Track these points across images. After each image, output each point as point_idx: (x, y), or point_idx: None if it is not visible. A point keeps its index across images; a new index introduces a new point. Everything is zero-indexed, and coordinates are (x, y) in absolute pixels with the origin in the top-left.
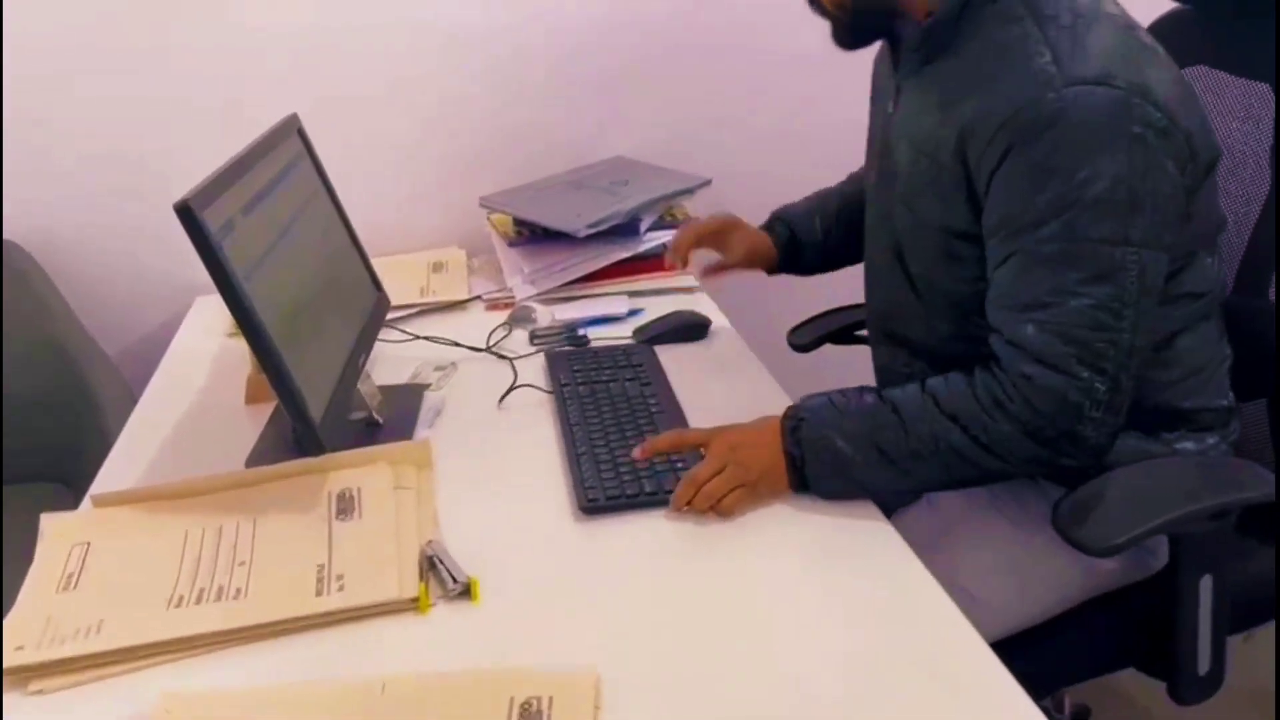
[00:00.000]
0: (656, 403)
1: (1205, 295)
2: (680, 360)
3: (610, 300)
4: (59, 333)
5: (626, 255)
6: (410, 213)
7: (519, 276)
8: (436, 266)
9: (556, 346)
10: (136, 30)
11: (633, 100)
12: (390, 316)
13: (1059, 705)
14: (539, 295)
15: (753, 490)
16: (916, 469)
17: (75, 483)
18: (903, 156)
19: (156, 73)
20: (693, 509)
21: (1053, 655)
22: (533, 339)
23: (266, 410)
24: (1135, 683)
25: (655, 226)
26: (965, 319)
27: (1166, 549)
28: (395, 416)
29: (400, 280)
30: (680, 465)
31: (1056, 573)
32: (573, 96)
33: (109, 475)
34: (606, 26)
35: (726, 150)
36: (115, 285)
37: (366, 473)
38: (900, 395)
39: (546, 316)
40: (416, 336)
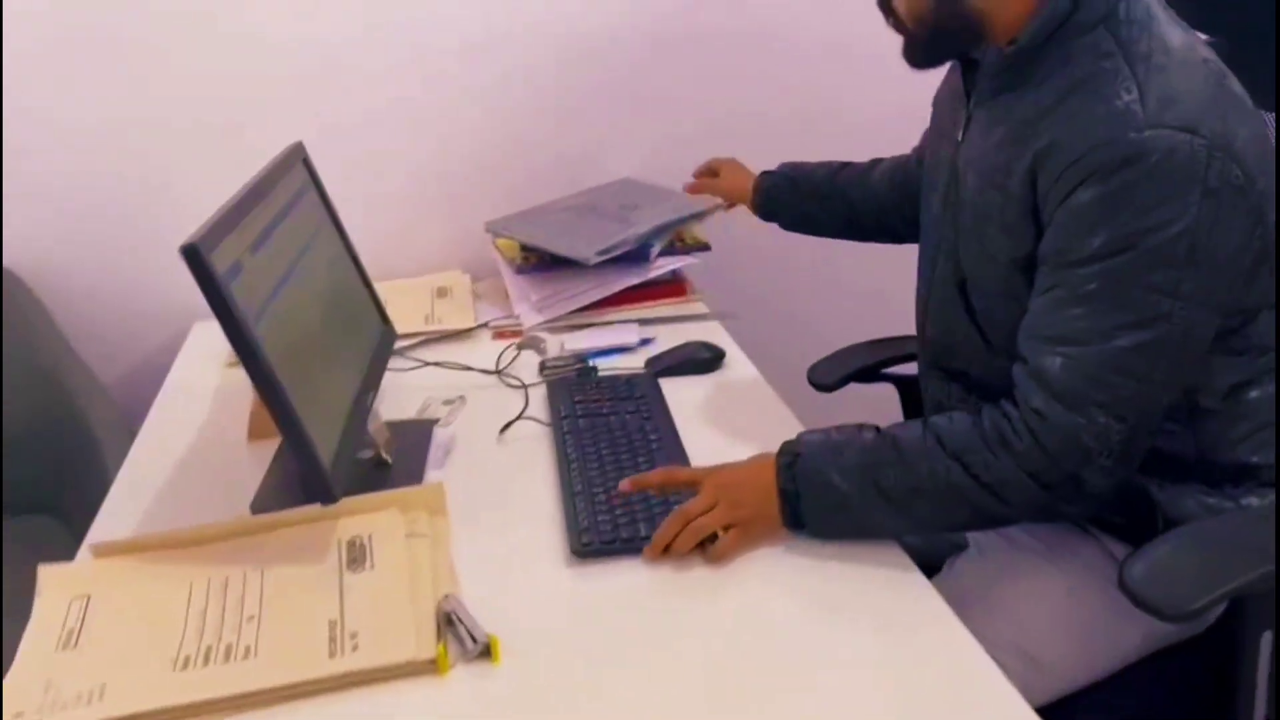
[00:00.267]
0: (657, 438)
1: (1273, 350)
2: (691, 393)
3: (621, 329)
4: (52, 360)
5: (637, 282)
6: (411, 235)
7: (526, 304)
8: (440, 292)
9: (567, 377)
10: (134, 54)
11: (638, 118)
12: (395, 345)
13: None
14: (547, 323)
15: (746, 530)
16: (915, 508)
17: (69, 516)
18: (971, 188)
19: (153, 96)
20: (674, 551)
21: (1106, 716)
22: (542, 370)
23: (269, 446)
24: None
25: (666, 252)
26: None
27: (1223, 604)
28: (404, 454)
29: (404, 307)
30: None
31: (1117, 631)
32: (576, 115)
33: (108, 517)
34: (611, 43)
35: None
36: (110, 312)
37: (377, 519)
38: (901, 432)
39: (556, 346)
40: (425, 363)
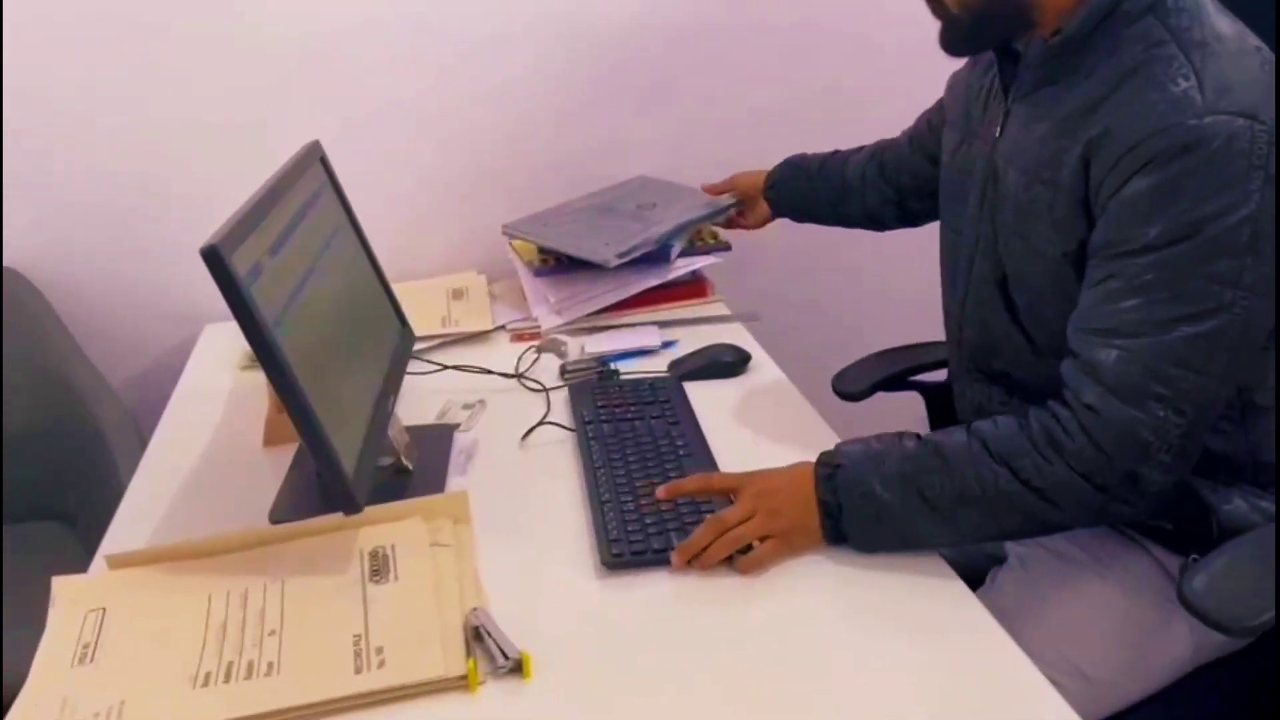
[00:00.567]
0: (684, 444)
1: None
2: (716, 397)
3: (642, 331)
4: (60, 363)
5: (657, 283)
6: (425, 236)
7: (545, 306)
8: (456, 294)
9: (588, 381)
10: (143, 51)
11: (655, 115)
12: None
13: None
14: (566, 325)
15: (785, 541)
16: (963, 517)
17: (77, 521)
18: (1013, 184)
19: (163, 94)
20: (705, 561)
21: None
22: (563, 374)
23: (286, 452)
24: None
25: (686, 252)
26: None
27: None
28: (425, 461)
29: (419, 309)
30: (709, 514)
31: (1168, 644)
32: (591, 112)
33: (122, 526)
34: (626, 40)
35: (756, 165)
36: (119, 313)
37: (400, 529)
38: (945, 439)
39: (576, 349)
40: (444, 366)
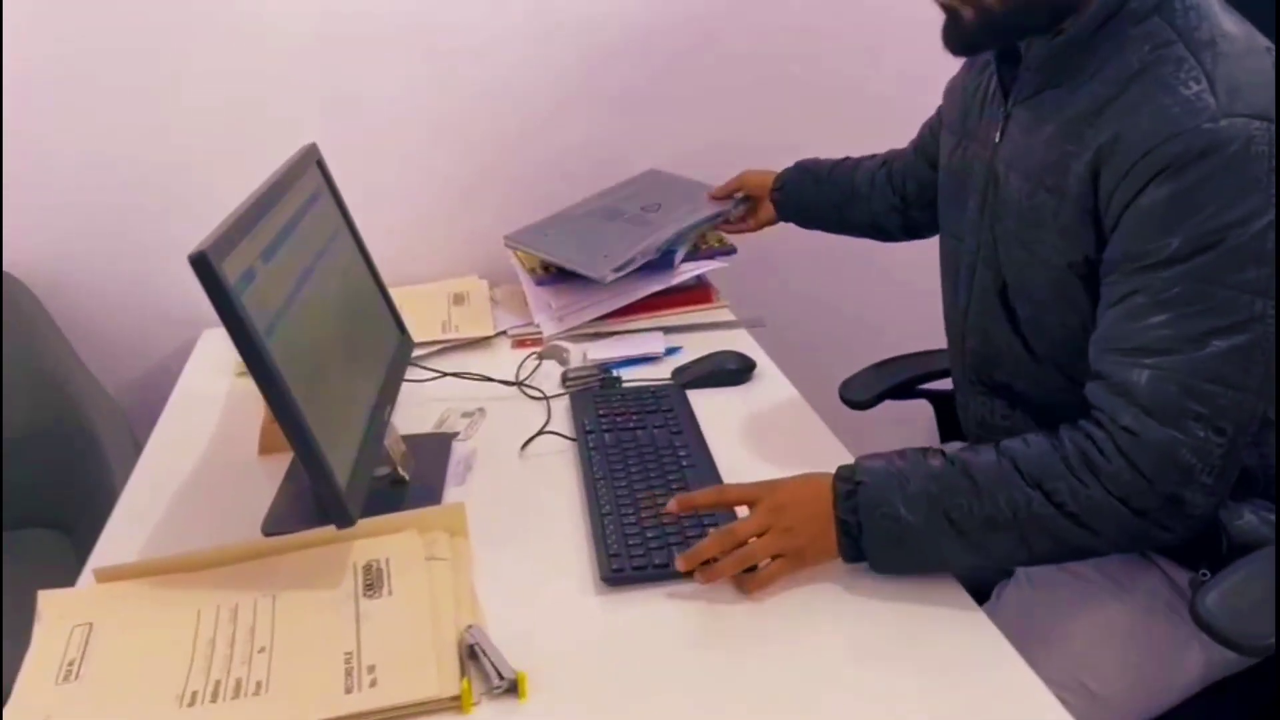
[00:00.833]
0: (687, 454)
1: None
2: (720, 406)
3: (646, 338)
4: (57, 368)
5: (660, 288)
6: (426, 239)
7: (546, 312)
8: (457, 299)
9: (588, 388)
10: (141, 56)
11: (662, 118)
12: (412, 354)
13: None
14: (568, 332)
15: (797, 559)
16: (991, 542)
17: (74, 529)
18: (1015, 190)
19: (162, 98)
20: (714, 574)
21: None
22: (564, 381)
23: (281, 461)
24: None
25: (690, 256)
26: (1077, 366)
27: None
28: (422, 471)
29: (419, 314)
30: (714, 528)
31: (1181, 662)
32: (596, 115)
33: (113, 535)
34: (632, 42)
35: (766, 163)
36: (116, 318)
37: (395, 542)
38: (972, 457)
39: (579, 356)
40: (443, 373)
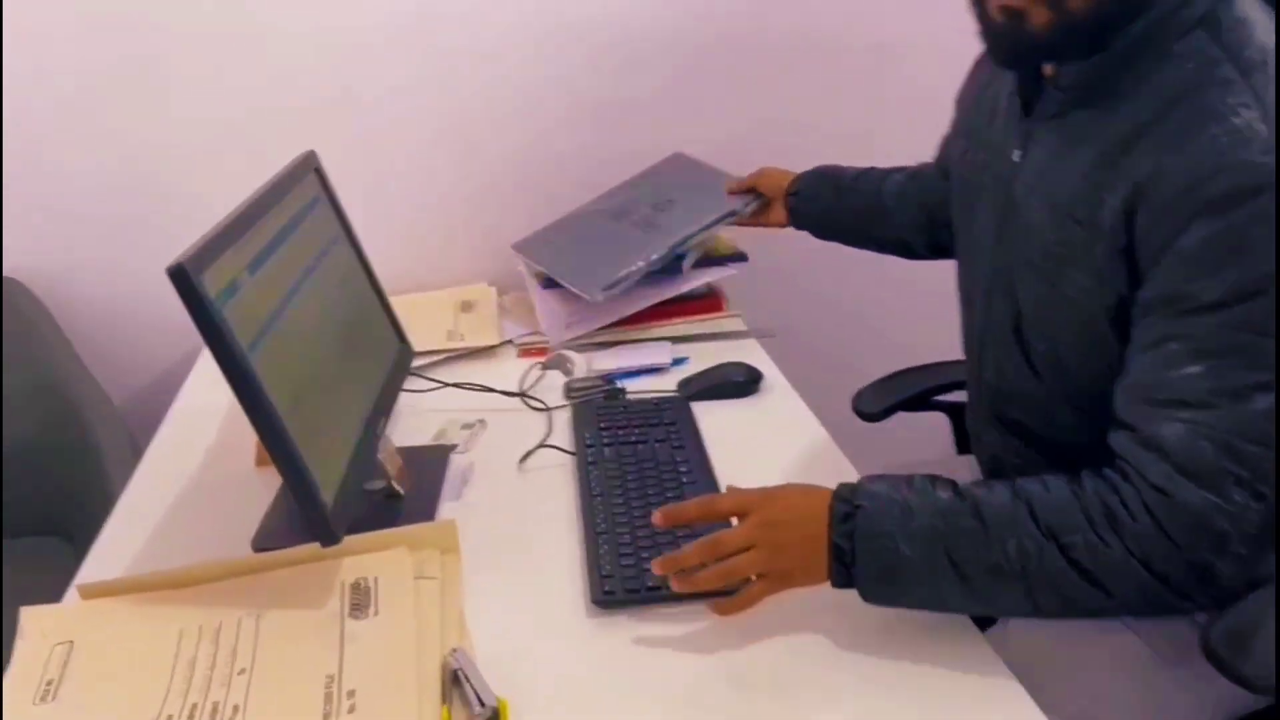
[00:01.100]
0: (687, 470)
1: None
2: (725, 419)
3: (652, 348)
4: (61, 376)
5: (669, 296)
6: (437, 246)
7: (553, 320)
8: (465, 306)
9: (592, 399)
10: (148, 63)
11: (672, 124)
12: (416, 364)
13: None
14: (575, 340)
15: (783, 581)
16: (994, 591)
17: (76, 536)
18: (1038, 218)
19: (170, 103)
20: (694, 584)
21: None
22: (568, 393)
23: (277, 474)
24: None
25: (700, 263)
26: (1098, 411)
27: None
28: (418, 484)
29: (426, 322)
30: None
31: (1196, 701)
32: (607, 121)
33: (107, 545)
34: (645, 47)
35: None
36: (122, 326)
37: (384, 559)
38: (986, 496)
39: (583, 366)
40: (444, 384)
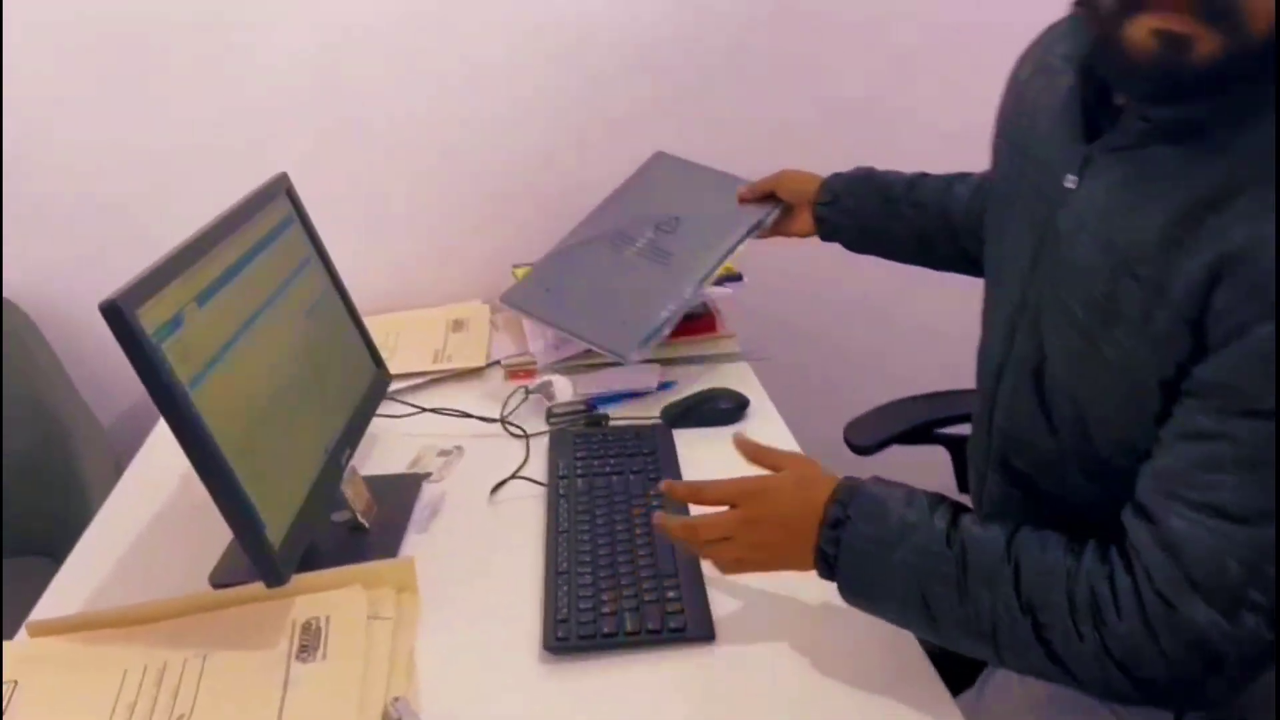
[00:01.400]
0: (659, 503)
1: None
2: (708, 448)
3: (639, 371)
4: (51, 397)
5: None
6: (432, 263)
7: (542, 340)
8: (456, 325)
9: (573, 425)
10: (143, 82)
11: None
12: (399, 386)
13: None
14: (562, 361)
15: (759, 567)
16: (958, 639)
17: (62, 558)
18: (1086, 261)
19: (163, 124)
20: (671, 532)
21: None
22: (549, 418)
23: None
24: None
25: None
26: (1114, 480)
27: None
28: (386, 515)
29: (414, 342)
30: (672, 609)
31: None
32: (602, 136)
33: (75, 569)
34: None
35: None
36: (113, 347)
37: (338, 598)
38: (976, 543)
39: (567, 390)
40: (422, 409)
